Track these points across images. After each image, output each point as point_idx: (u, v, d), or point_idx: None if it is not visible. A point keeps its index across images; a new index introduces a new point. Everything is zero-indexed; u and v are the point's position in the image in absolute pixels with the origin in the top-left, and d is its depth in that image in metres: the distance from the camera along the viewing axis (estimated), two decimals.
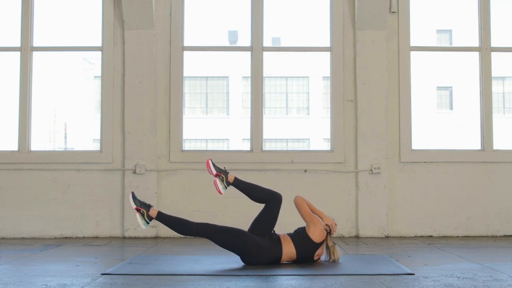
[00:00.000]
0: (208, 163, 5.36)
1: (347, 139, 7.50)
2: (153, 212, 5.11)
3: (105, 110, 7.51)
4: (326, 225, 5.17)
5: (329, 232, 5.18)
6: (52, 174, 7.40)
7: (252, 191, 5.34)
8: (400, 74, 7.55)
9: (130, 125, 7.39)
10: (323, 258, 5.25)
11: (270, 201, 5.24)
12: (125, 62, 7.44)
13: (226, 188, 5.35)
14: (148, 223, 5.12)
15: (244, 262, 5.07)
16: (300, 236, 5.11)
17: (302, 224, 7.18)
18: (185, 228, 5.09)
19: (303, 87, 28.40)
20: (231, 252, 5.14)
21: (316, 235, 5.08)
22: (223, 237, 5.01)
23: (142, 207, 5.12)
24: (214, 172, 5.33)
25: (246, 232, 5.09)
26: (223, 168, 5.39)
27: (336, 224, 5.25)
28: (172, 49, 7.53)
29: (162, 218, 5.12)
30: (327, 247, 5.19)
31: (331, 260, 5.18)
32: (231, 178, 5.34)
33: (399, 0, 7.57)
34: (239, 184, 5.36)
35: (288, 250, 5.05)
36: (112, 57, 7.51)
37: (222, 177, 5.33)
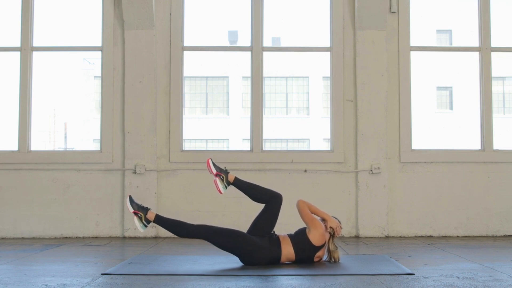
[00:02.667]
0: (208, 163, 5.36)
1: (347, 139, 7.50)
2: (151, 215, 5.09)
3: (105, 110, 7.51)
4: (330, 227, 5.14)
5: (332, 235, 5.16)
6: (52, 174, 7.40)
7: (253, 191, 5.33)
8: (400, 74, 7.55)
9: (130, 125, 7.39)
10: (323, 258, 5.24)
11: (271, 201, 5.23)
12: (125, 62, 7.44)
13: (226, 187, 5.34)
14: (146, 226, 5.10)
15: (243, 263, 5.06)
16: (300, 238, 5.09)
17: (301, 225, 7.19)
18: (183, 230, 5.07)
19: (303, 87, 28.41)
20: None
21: (316, 238, 5.06)
22: (221, 238, 5.00)
23: (140, 210, 5.09)
24: (214, 171, 5.32)
25: (244, 233, 5.08)
26: (223, 168, 5.39)
27: (341, 227, 5.21)
28: (172, 49, 7.53)
29: (160, 221, 5.10)
30: (329, 251, 5.17)
31: (332, 261, 5.17)
32: (231, 178, 5.34)
33: (399, 0, 7.57)
34: (239, 184, 5.35)
35: (287, 251, 5.04)
36: (112, 57, 7.50)
37: (222, 177, 5.32)
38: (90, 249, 6.30)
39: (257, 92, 7.59)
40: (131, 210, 5.10)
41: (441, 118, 27.48)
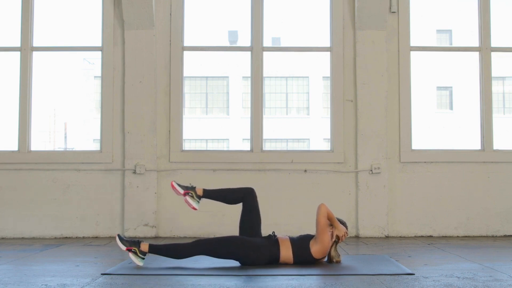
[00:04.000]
0: (172, 186, 5.29)
1: (347, 139, 7.49)
2: (144, 247, 5.04)
3: (105, 110, 7.51)
4: (336, 235, 5.09)
5: (337, 242, 5.13)
6: (52, 174, 7.40)
7: (225, 195, 5.32)
8: (400, 74, 7.55)
9: (130, 125, 7.39)
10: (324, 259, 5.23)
11: (246, 198, 5.22)
12: (125, 62, 7.44)
13: (198, 202, 5.30)
14: (143, 258, 5.04)
15: (242, 264, 5.05)
16: (301, 245, 5.03)
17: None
18: (180, 253, 5.02)
19: (303, 87, 28.42)
20: None
21: (317, 252, 5.01)
22: (220, 249, 4.95)
23: (132, 245, 5.03)
24: (182, 191, 5.28)
25: (240, 236, 5.07)
26: (189, 185, 5.35)
27: (347, 234, 5.14)
28: (172, 49, 7.53)
29: (155, 249, 5.06)
30: (329, 256, 5.13)
31: (333, 262, 5.15)
32: (200, 191, 5.30)
33: (399, 0, 7.57)
34: (209, 194, 5.32)
35: (286, 253, 5.00)
36: (112, 57, 7.50)
37: (191, 194, 5.28)
38: (90, 249, 6.30)
39: (257, 92, 7.59)
40: (124, 248, 5.03)
41: (441, 118, 27.50)
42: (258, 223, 5.19)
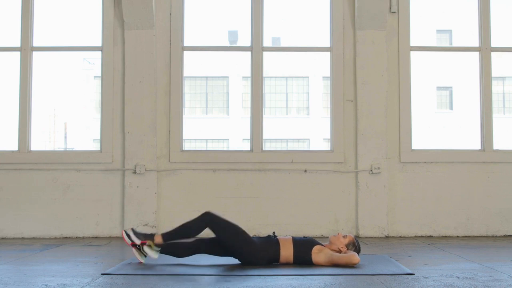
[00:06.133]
0: (124, 237, 5.10)
1: (347, 139, 7.49)
2: (158, 239, 5.01)
3: (105, 110, 7.51)
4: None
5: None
6: (52, 174, 7.40)
7: (184, 231, 5.07)
8: (400, 74, 7.55)
9: (130, 125, 7.39)
10: None
11: (209, 224, 5.00)
12: (125, 62, 7.44)
13: (146, 255, 5.06)
14: (158, 251, 5.02)
15: (242, 263, 5.04)
16: (303, 248, 5.01)
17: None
18: (189, 229, 5.01)
19: (303, 87, 28.42)
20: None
21: (319, 262, 4.98)
22: (225, 230, 4.93)
23: (147, 238, 5.01)
24: (133, 242, 5.08)
25: (245, 232, 5.06)
26: (148, 233, 5.14)
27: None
28: (172, 49, 7.53)
29: (169, 236, 5.02)
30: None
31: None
32: (158, 239, 5.05)
33: (399, 0, 7.57)
34: (170, 237, 5.06)
35: (286, 254, 4.98)
36: (112, 57, 7.50)
37: (142, 246, 5.05)
38: (90, 249, 6.30)
39: (257, 92, 7.59)
40: (138, 242, 4.99)
41: (441, 118, 27.50)
42: (240, 232, 5.03)
